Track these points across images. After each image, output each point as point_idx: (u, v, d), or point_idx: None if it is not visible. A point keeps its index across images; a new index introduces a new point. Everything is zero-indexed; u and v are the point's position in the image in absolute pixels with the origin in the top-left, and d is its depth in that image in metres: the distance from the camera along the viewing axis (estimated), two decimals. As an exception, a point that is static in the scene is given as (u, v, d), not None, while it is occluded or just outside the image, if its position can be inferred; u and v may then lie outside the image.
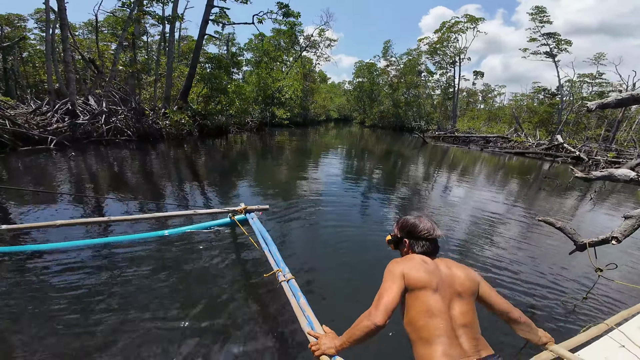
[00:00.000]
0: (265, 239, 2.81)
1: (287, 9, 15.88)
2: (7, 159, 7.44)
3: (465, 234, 4.57)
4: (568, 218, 6.06)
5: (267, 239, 2.81)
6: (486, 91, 45.02)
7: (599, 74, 27.43)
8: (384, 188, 7.37)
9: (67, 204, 4.58)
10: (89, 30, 23.91)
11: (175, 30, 15.35)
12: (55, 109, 10.73)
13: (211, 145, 12.81)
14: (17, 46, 20.20)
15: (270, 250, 2.59)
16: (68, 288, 2.56)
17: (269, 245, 2.68)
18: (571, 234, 2.50)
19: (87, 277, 2.71)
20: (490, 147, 20.91)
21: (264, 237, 2.85)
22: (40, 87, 21.95)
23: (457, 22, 29.37)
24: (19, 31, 22.08)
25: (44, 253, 3.00)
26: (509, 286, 3.12)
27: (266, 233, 2.92)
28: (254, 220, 3.33)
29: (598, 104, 2.37)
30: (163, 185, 6.27)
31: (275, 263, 2.44)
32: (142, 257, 3.12)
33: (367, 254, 3.57)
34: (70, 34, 12.08)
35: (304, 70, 30.82)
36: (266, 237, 2.84)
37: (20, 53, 22.19)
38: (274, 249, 2.60)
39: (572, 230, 2.51)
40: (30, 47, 23.30)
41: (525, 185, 9.25)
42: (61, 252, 3.04)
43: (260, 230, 3.02)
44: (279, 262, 2.42)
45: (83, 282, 2.65)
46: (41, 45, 21.60)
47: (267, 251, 2.59)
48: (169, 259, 3.13)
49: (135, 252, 3.21)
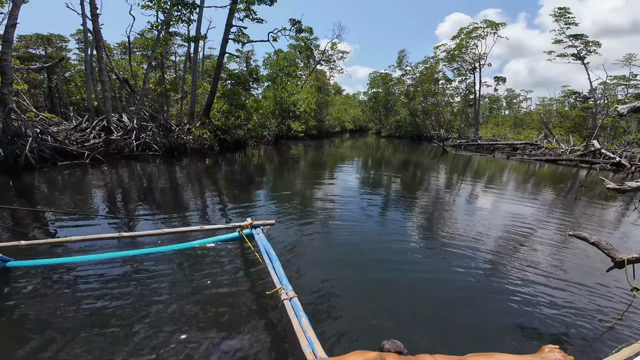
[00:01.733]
0: (270, 255, 2.79)
1: (299, 25, 16.52)
2: (48, 173, 8.17)
3: (494, 248, 4.25)
4: (608, 231, 5.46)
5: (272, 255, 2.78)
6: (510, 97, 43.18)
7: (633, 75, 25.43)
8: (401, 202, 7.11)
9: (86, 220, 4.79)
10: (122, 51, 25.99)
11: (199, 50, 16.41)
12: (93, 126, 11.76)
13: (230, 158, 13.26)
14: (60, 66, 22.27)
15: (274, 267, 2.55)
16: (81, 298, 2.67)
17: (273, 261, 2.65)
18: (607, 250, 2.22)
19: (97, 290, 2.82)
20: (517, 155, 19.75)
21: (269, 253, 2.82)
22: (81, 105, 23.91)
23: (475, 27, 28.80)
24: (61, 51, 24.44)
25: (61, 267, 3.15)
26: (539, 303, 2.88)
27: (271, 249, 2.90)
28: (259, 236, 3.33)
29: (630, 108, 2.15)
30: (179, 199, 6.49)
31: (278, 280, 2.39)
32: (151, 271, 3.20)
33: (376, 274, 3.40)
34: (105, 55, 13.33)
35: (318, 83, 31.49)
36: (270, 253, 2.81)
37: (63, 73, 24.43)
38: (277, 265, 2.56)
39: (608, 245, 2.23)
40: (71, 67, 25.56)
41: (559, 195, 8.54)
42: (77, 266, 3.19)
43: (265, 246, 3.00)
44: (282, 279, 2.37)
45: (94, 294, 2.76)
46: (81, 65, 23.47)
47: (270, 268, 2.55)
48: (176, 273, 3.18)
49: (145, 265, 3.30)
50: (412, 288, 3.14)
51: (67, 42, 24.86)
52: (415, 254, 3.99)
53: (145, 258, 3.41)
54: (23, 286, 2.82)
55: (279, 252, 3.35)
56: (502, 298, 2.99)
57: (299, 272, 3.29)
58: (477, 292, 3.12)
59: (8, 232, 4.11)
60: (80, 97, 24.78)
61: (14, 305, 2.54)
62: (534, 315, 2.71)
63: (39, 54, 23.96)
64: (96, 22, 11.70)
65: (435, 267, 3.68)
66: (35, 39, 23.16)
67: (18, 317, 2.40)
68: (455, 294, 3.03)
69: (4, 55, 8.69)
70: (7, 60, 8.74)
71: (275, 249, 3.16)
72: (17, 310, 2.47)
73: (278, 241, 3.98)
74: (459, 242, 4.39)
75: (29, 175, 7.85)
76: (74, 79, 25.53)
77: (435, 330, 2.43)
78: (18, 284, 2.86)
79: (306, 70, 29.44)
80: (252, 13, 15.18)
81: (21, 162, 8.38)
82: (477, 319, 2.65)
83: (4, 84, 8.73)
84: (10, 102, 8.80)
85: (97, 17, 11.65)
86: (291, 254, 3.77)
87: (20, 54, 22.15)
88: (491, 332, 2.48)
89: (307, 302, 2.58)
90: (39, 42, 23.43)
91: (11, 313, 2.44)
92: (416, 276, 3.40)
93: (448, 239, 4.55)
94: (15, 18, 8.71)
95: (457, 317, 2.63)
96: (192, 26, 15.35)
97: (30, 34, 22.89)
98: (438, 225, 5.33)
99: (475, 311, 2.77)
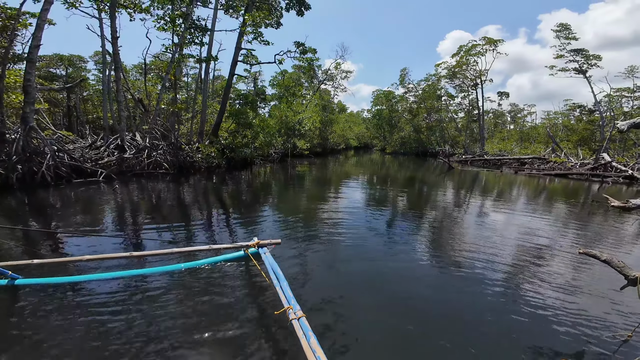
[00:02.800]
0: (277, 275, 2.78)
1: (303, 47, 17.35)
2: (62, 190, 8.44)
3: (507, 266, 4.14)
4: (624, 247, 5.26)
5: (279, 274, 2.77)
6: (515, 111, 43.36)
7: (637, 87, 25.41)
8: (409, 220, 7.02)
9: (98, 238, 4.87)
10: (138, 72, 27.30)
11: (209, 71, 17.19)
12: (107, 144, 12.21)
13: (237, 176, 13.47)
14: (80, 86, 23.37)
15: (281, 286, 2.55)
16: (88, 317, 2.69)
17: (280, 280, 2.64)
18: (620, 268, 2.16)
19: (104, 308, 2.84)
20: (526, 169, 19.51)
21: (276, 273, 2.82)
22: (97, 123, 24.86)
23: (474, 45, 29.60)
24: (80, 71, 25.67)
25: (69, 285, 3.20)
26: (553, 319, 2.84)
27: (278, 268, 2.89)
28: (266, 255, 3.34)
29: (630, 124, 2.19)
30: (186, 218, 6.55)
31: (286, 300, 2.38)
32: (159, 290, 3.21)
33: (384, 292, 3.34)
34: (123, 75, 14.06)
35: (322, 102, 32.34)
36: (277, 272, 2.81)
37: (82, 92, 25.60)
38: (285, 284, 2.56)
39: (620, 263, 2.18)
40: (90, 87, 26.68)
41: (572, 210, 8.34)
42: (84, 284, 3.24)
43: (272, 265, 3.00)
44: (289, 299, 2.36)
45: (100, 312, 2.78)
46: (99, 85, 24.42)
47: (278, 287, 2.55)
48: (183, 292, 3.19)
49: (152, 284, 3.32)
50: (423, 306, 3.07)
51: (86, 62, 26.30)
52: (425, 272, 3.92)
53: (153, 277, 3.43)
54: (30, 304, 2.87)
55: (286, 271, 3.33)
56: (516, 315, 2.92)
57: (306, 292, 3.25)
58: (490, 309, 3.03)
59: (17, 249, 4.22)
60: (96, 116, 25.82)
61: (20, 322, 2.58)
62: (548, 331, 2.66)
63: (59, 73, 25.34)
64: (115, 45, 12.46)
65: (446, 284, 3.60)
66: (56, 60, 24.48)
67: (23, 334, 2.43)
68: (467, 312, 2.95)
69: (28, 76, 9.25)
70: (31, 81, 9.29)
71: (282, 268, 3.15)
72: (23, 328, 2.50)
73: (285, 260, 3.96)
74: (470, 261, 4.30)
75: (44, 191, 8.12)
76: (92, 98, 26.74)
77: (447, 349, 2.36)
78: (25, 302, 2.90)
79: (311, 90, 30.40)
80: (260, 36, 16.03)
81: (37, 179, 8.70)
82: (491, 336, 2.59)
83: (26, 103, 9.24)
84: (31, 120, 9.27)
85: (116, 39, 12.43)
86: (298, 273, 3.73)
87: (42, 74, 23.55)
88: (505, 349, 2.43)
89: (315, 321, 2.54)
90: (59, 62, 24.78)
91: (17, 330, 2.47)
92: (427, 294, 3.33)
93: (458, 257, 4.47)
94: (38, 39, 9.35)
95: (470, 335, 2.56)
96: (204, 48, 16.34)
97: (51, 54, 24.18)
98: (447, 242, 5.24)
99: (488, 328, 2.70)
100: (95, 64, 26.59)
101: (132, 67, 27.89)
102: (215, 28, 15.92)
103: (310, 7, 17.49)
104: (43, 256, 3.83)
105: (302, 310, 2.30)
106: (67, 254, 4.14)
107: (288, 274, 3.41)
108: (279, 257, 3.89)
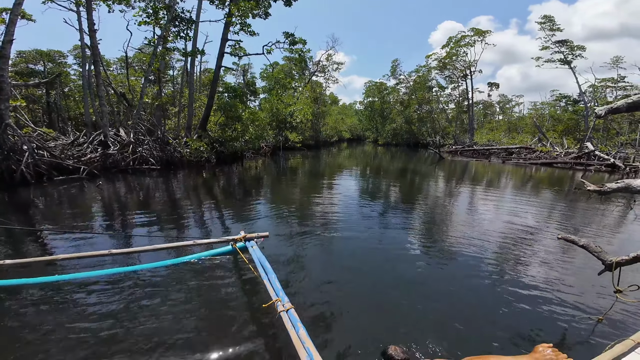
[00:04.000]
0: (265, 267, 2.77)
1: (292, 37, 16.95)
2: (43, 188, 8.14)
3: (491, 253, 4.26)
4: (605, 232, 5.48)
5: (267, 267, 2.77)
6: (503, 102, 43.99)
7: (620, 78, 26.12)
8: (399, 210, 7.11)
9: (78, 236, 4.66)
10: (121, 66, 26.27)
11: (196, 64, 16.69)
12: (90, 141, 11.79)
13: (226, 171, 13.28)
14: (59, 81, 22.39)
15: (269, 279, 2.54)
16: (71, 317, 2.63)
17: (268, 273, 2.64)
18: (597, 253, 2.24)
19: (87, 308, 2.77)
20: (513, 159, 19.96)
21: (264, 266, 2.81)
22: (79, 120, 23.90)
23: (464, 36, 29.68)
24: (60, 67, 24.59)
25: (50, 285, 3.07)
26: (533, 304, 2.95)
27: (265, 261, 2.89)
28: (253, 249, 3.32)
29: (607, 110, 2.23)
30: (172, 213, 6.39)
31: (274, 292, 2.38)
32: (144, 287, 3.15)
33: (375, 283, 3.37)
34: (103, 69, 13.46)
35: (314, 94, 32.00)
36: (265, 265, 2.80)
37: (62, 88, 24.55)
38: (273, 277, 2.55)
39: (597, 248, 2.25)
40: (71, 82, 25.61)
41: (556, 198, 8.61)
42: (66, 284, 3.12)
43: (260, 258, 2.99)
44: (278, 291, 2.36)
45: (84, 312, 2.71)
46: (80, 80, 23.40)
47: (266, 280, 2.54)
48: (170, 288, 3.13)
49: (138, 281, 3.25)
50: (411, 295, 3.13)
51: (65, 57, 25.13)
52: (414, 262, 3.98)
53: (138, 274, 3.36)
54: (9, 305, 2.78)
55: (275, 264, 3.32)
56: (497, 301, 3.02)
57: (295, 284, 3.25)
58: (473, 295, 3.13)
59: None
60: (78, 112, 24.85)
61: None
62: (528, 316, 2.75)
63: (38, 69, 24.19)
64: (94, 38, 11.88)
65: (433, 273, 3.68)
66: (35, 55, 23.38)
67: (2, 337, 2.36)
68: (452, 300, 3.03)
69: (0, 72, 8.77)
70: (4, 77, 8.81)
71: (271, 261, 3.14)
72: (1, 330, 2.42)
73: (273, 253, 3.93)
74: (457, 249, 4.40)
75: (25, 190, 7.82)
76: (73, 94, 25.69)
77: (433, 335, 2.42)
78: (4, 304, 2.81)
79: (302, 82, 29.96)
80: (247, 27, 15.57)
81: (17, 177, 8.35)
82: (473, 321, 2.66)
83: (0, 100, 8.78)
84: (6, 117, 8.83)
85: (94, 32, 11.85)
86: (287, 265, 3.73)
87: (20, 70, 22.39)
88: (486, 334, 2.51)
89: (304, 313, 2.55)
90: (38, 58, 23.68)
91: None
92: (414, 283, 3.40)
93: (447, 246, 4.57)
94: (11, 34, 8.85)
95: (453, 322, 2.63)
96: (190, 42, 15.75)
97: (29, 50, 23.09)
98: (437, 233, 5.34)
99: (470, 314, 2.78)
100: (75, 58, 25.43)
101: (115, 60, 26.80)
102: (200, 19, 15.36)
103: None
104: (21, 256, 3.69)
105: (291, 302, 2.31)
106: (46, 253, 3.99)
107: (277, 266, 3.40)
108: (267, 250, 3.87)
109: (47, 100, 23.74)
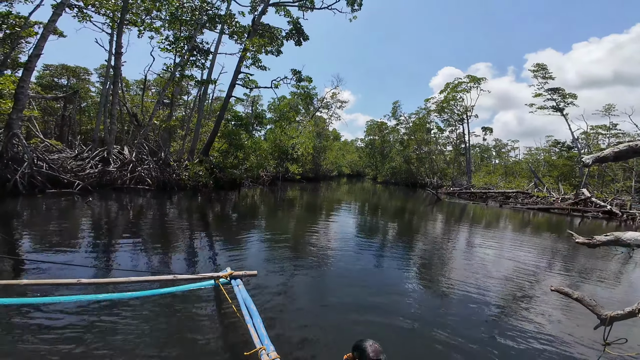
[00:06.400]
0: (250, 310, 2.53)
1: (299, 75, 18.24)
2: (33, 200, 7.99)
3: (486, 300, 4.00)
4: (602, 282, 5.20)
5: (252, 310, 2.52)
6: (499, 146, 45.46)
7: (612, 125, 27.20)
8: (396, 252, 6.75)
9: (46, 259, 4.37)
10: (139, 87, 27.53)
11: (209, 92, 17.64)
12: (93, 156, 11.93)
13: (223, 198, 13.10)
14: (78, 96, 23.15)
15: (254, 323, 2.31)
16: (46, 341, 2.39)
17: (254, 317, 2.40)
18: (592, 307, 2.08)
19: (64, 333, 2.54)
20: (510, 203, 19.94)
21: (249, 308, 2.57)
22: (90, 135, 24.46)
23: (460, 82, 31.73)
24: (83, 83, 25.66)
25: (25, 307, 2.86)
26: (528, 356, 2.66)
27: (251, 303, 2.64)
28: (239, 288, 3.04)
29: (594, 158, 2.25)
30: (156, 241, 6.02)
31: (259, 339, 2.14)
32: (113, 321, 2.86)
33: (370, 335, 3.08)
34: (122, 90, 14.13)
35: (317, 128, 33.28)
36: (251, 307, 2.55)
37: (80, 103, 25.43)
38: (258, 321, 2.32)
39: (592, 301, 2.11)
40: (89, 98, 26.59)
41: (554, 245, 8.36)
42: (42, 308, 2.89)
43: (245, 299, 2.74)
44: (263, 338, 2.13)
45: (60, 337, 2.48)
46: (98, 97, 24.08)
47: (250, 325, 2.31)
48: (142, 323, 2.85)
49: (107, 312, 2.98)
50: (407, 344, 2.85)
51: (90, 74, 26.62)
52: (410, 310, 3.67)
53: (108, 304, 3.08)
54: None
55: (262, 306, 3.06)
56: (490, 348, 2.77)
57: (282, 330, 2.91)
58: (467, 344, 2.84)
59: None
60: (90, 127, 25.59)
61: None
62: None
63: (61, 83, 25.45)
64: (118, 60, 12.71)
65: (427, 319, 3.41)
66: (61, 70, 24.70)
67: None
68: (447, 350, 2.75)
69: (22, 83, 9.16)
70: (24, 88, 9.17)
71: (259, 302, 2.90)
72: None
73: (261, 293, 3.64)
74: (449, 298, 4.15)
75: (13, 201, 7.67)
76: (89, 109, 26.70)
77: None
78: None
79: (307, 116, 31.39)
80: (258, 61, 16.88)
81: (9, 187, 8.27)
82: None
83: (14, 109, 9.07)
84: (16, 127, 9.02)
85: (120, 55, 12.72)
86: (275, 308, 3.38)
87: (44, 82, 23.52)
88: None
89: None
90: (63, 72, 24.95)
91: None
92: (411, 332, 3.11)
93: (446, 290, 4.35)
94: (40, 49, 9.39)
95: None
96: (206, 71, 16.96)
97: (56, 64, 24.45)
98: (433, 277, 5.09)
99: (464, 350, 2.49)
100: (99, 76, 26.90)
101: (134, 82, 28.47)
102: (219, 51, 16.66)
103: (308, 37, 18.71)
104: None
105: (277, 352, 2.04)
106: (12, 277, 3.69)
107: (264, 308, 3.14)
108: (255, 289, 3.61)
109: (62, 114, 24.57)
